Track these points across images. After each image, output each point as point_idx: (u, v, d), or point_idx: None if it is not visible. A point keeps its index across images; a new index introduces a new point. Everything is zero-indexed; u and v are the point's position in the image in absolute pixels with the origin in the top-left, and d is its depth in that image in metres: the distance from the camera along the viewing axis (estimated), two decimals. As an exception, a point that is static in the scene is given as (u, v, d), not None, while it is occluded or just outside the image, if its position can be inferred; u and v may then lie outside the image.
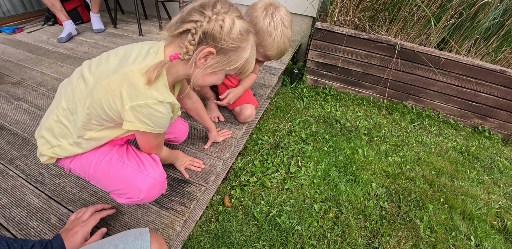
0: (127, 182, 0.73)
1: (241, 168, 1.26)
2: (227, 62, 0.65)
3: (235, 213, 1.09)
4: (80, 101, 0.65)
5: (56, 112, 0.69)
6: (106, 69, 0.64)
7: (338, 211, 1.16)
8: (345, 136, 1.56)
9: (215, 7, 0.59)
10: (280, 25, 0.89)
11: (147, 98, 0.59)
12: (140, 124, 0.62)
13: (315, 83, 2.11)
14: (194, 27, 0.58)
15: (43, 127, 0.72)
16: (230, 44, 0.61)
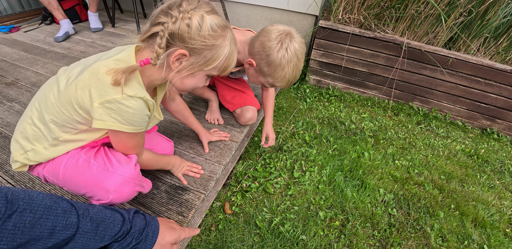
0: (93, 183, 0.65)
1: (242, 172, 1.20)
2: (203, 62, 0.61)
3: (236, 221, 1.02)
4: (53, 103, 0.61)
5: (31, 115, 0.65)
6: (79, 69, 0.61)
7: (345, 219, 1.09)
8: (350, 139, 1.50)
9: (180, 6, 0.56)
10: (294, 59, 0.85)
11: (116, 93, 0.55)
12: (111, 122, 0.57)
13: (318, 83, 2.05)
14: (161, 30, 0.56)
15: (17, 131, 0.67)
16: (202, 43, 0.57)
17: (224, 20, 0.61)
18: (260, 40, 0.87)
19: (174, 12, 0.55)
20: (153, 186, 0.96)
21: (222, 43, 0.60)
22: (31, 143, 0.65)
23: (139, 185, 0.71)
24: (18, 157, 0.67)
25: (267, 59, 0.86)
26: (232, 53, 0.64)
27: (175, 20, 0.55)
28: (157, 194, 0.92)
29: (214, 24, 0.58)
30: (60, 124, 0.62)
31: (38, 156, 0.66)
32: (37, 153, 0.65)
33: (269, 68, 0.88)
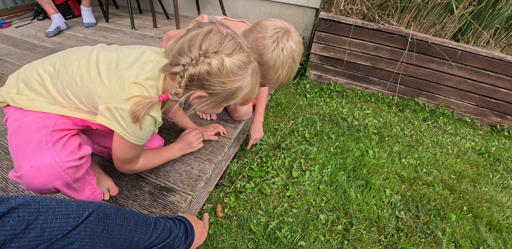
0: (24, 147, 0.56)
1: (237, 172, 1.10)
2: (222, 100, 0.63)
3: (229, 225, 0.93)
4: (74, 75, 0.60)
5: (46, 69, 0.62)
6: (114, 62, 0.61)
7: (348, 223, 0.99)
8: (353, 136, 1.40)
9: (200, 48, 0.55)
10: (289, 61, 0.76)
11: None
12: (117, 125, 0.58)
13: (319, 78, 1.94)
14: (182, 70, 0.57)
15: (23, 73, 0.63)
16: (221, 88, 0.58)
17: (246, 56, 0.59)
18: (254, 36, 0.76)
19: (195, 54, 0.55)
20: (135, 186, 0.87)
21: (242, 84, 0.60)
22: (31, 91, 0.61)
23: (66, 183, 0.59)
24: (10, 94, 0.61)
25: (260, 58, 0.76)
26: (254, 88, 0.65)
27: (195, 64, 0.55)
28: (140, 195, 0.83)
29: (235, 66, 0.57)
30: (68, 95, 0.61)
31: (27, 103, 0.61)
32: (30, 101, 0.60)
33: (262, 68, 0.78)
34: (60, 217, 0.41)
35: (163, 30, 2.19)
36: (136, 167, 0.73)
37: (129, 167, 0.72)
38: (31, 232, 0.37)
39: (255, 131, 1.12)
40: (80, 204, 0.46)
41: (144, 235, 0.56)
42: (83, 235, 0.43)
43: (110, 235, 0.47)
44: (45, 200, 0.42)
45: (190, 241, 0.68)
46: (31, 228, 0.37)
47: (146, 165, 0.76)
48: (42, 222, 0.39)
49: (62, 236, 0.40)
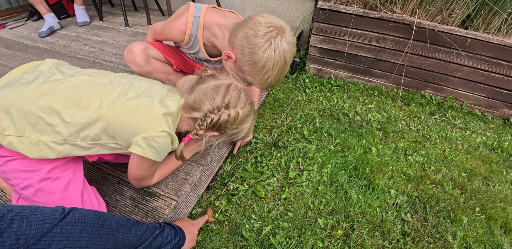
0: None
1: (230, 173, 1.03)
2: (227, 137, 0.74)
3: (219, 231, 0.85)
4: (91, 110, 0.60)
5: (52, 105, 0.58)
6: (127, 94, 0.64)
7: (349, 227, 0.91)
8: (355, 132, 1.30)
9: (224, 99, 0.66)
10: (280, 63, 0.73)
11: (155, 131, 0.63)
12: (149, 152, 0.62)
13: (319, 72, 1.84)
14: (203, 117, 0.66)
15: (18, 111, 0.57)
16: (232, 130, 0.70)
17: (251, 105, 0.72)
18: (246, 32, 0.71)
19: (217, 104, 0.65)
20: (117, 191, 0.80)
21: (245, 126, 0.72)
22: (36, 132, 0.58)
23: None
24: (8, 137, 0.56)
25: (250, 57, 0.72)
26: (251, 128, 0.76)
27: (217, 113, 0.65)
28: (120, 201, 0.76)
29: (245, 116, 0.69)
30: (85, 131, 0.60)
31: (29, 148, 0.57)
32: (34, 144, 0.57)
33: (251, 67, 0.74)
34: (35, 223, 0.41)
35: (158, 26, 2.12)
36: (153, 182, 0.76)
37: (146, 183, 0.74)
38: (6, 241, 0.38)
39: None
40: (55, 209, 0.45)
41: (128, 233, 0.52)
42: (60, 237, 0.43)
43: (90, 235, 0.46)
44: (18, 208, 0.41)
45: (181, 237, 0.63)
46: (5, 236, 0.38)
47: (161, 177, 0.79)
48: (16, 230, 0.39)
49: (36, 240, 0.40)
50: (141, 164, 0.66)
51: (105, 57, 1.63)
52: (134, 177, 0.70)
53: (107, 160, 0.79)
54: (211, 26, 0.83)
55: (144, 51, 0.92)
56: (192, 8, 0.84)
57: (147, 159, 0.64)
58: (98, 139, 0.61)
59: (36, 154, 0.57)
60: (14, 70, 0.68)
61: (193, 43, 0.90)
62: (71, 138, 0.59)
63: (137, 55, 0.91)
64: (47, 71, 0.65)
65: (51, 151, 0.58)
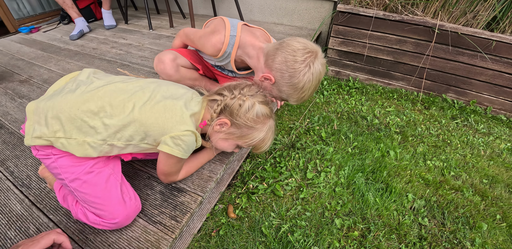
0: (109, 202, 0.70)
1: (250, 172, 1.08)
2: (239, 135, 0.75)
3: (240, 226, 0.91)
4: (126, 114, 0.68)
5: (94, 110, 0.67)
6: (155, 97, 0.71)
7: (365, 228, 0.94)
8: (373, 135, 1.32)
9: (242, 89, 0.73)
10: (315, 83, 0.83)
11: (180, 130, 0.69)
12: (176, 150, 0.68)
13: (337, 74, 1.86)
14: (220, 99, 0.72)
15: (64, 114, 0.66)
16: (244, 122, 0.71)
17: (270, 111, 0.76)
18: (285, 57, 0.80)
19: (236, 92, 0.72)
20: (147, 186, 0.87)
21: (260, 128, 0.74)
22: (81, 133, 0.67)
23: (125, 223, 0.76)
24: (52, 138, 0.66)
25: (289, 80, 0.82)
26: (265, 139, 0.77)
27: (233, 97, 0.71)
28: (151, 195, 0.83)
29: (260, 112, 0.72)
30: (121, 132, 0.68)
31: (76, 148, 0.67)
32: (79, 145, 0.66)
33: (289, 88, 0.84)
34: None
35: (179, 29, 2.20)
36: (179, 178, 0.82)
37: (172, 179, 0.80)
38: None
39: None
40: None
41: None
42: None
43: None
44: None
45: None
46: None
47: (187, 173, 0.84)
48: None
49: None
50: (169, 160, 0.72)
51: (132, 60, 1.73)
52: (162, 172, 0.76)
53: (140, 158, 0.86)
54: (246, 46, 0.90)
55: (174, 61, 0.99)
56: (228, 26, 0.90)
57: (174, 156, 0.70)
58: (132, 140, 0.69)
59: (81, 153, 0.67)
60: (58, 81, 0.79)
61: (224, 58, 0.96)
62: (109, 138, 0.67)
63: (168, 65, 0.98)
64: (85, 80, 0.75)
65: (93, 150, 0.67)
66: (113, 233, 0.76)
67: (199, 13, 2.55)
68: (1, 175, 0.95)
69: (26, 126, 0.69)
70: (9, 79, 1.58)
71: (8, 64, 1.76)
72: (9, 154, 1.03)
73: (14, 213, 0.82)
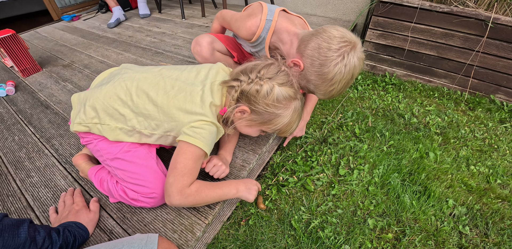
0: (148, 176, 0.71)
1: (280, 164, 1.06)
2: (261, 122, 0.70)
3: (269, 218, 0.89)
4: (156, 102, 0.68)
5: (123, 98, 0.70)
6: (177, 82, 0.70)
7: (400, 232, 0.88)
8: (411, 135, 1.23)
9: (260, 71, 0.67)
10: (347, 77, 0.72)
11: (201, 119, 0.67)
12: (197, 140, 0.64)
13: (373, 69, 1.76)
14: (237, 85, 0.67)
15: (98, 102, 0.71)
16: (263, 109, 0.67)
17: (294, 92, 0.69)
18: (318, 43, 0.71)
19: (252, 75, 0.67)
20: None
21: (283, 113, 0.68)
22: (113, 120, 0.70)
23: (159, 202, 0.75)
24: (90, 124, 0.72)
25: (319, 68, 0.72)
26: (291, 123, 0.71)
27: (249, 82, 0.66)
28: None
29: (282, 95, 0.66)
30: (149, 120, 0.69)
31: (109, 133, 0.71)
32: (112, 130, 0.71)
33: (317, 78, 0.74)
34: None
35: (211, 19, 2.20)
36: (188, 191, 0.64)
37: (181, 184, 0.63)
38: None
39: (297, 129, 1.05)
40: None
41: None
42: None
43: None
44: None
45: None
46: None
47: (198, 194, 0.66)
48: None
49: None
50: (186, 152, 0.64)
51: (165, 48, 1.75)
52: (174, 169, 0.63)
53: (167, 148, 0.87)
54: (281, 32, 0.86)
55: (210, 44, 0.97)
56: (265, 10, 0.86)
57: (193, 147, 0.63)
58: (156, 129, 0.69)
59: (114, 137, 0.71)
60: (100, 75, 0.85)
61: (259, 44, 0.93)
62: (137, 126, 0.70)
63: (204, 48, 0.97)
64: (119, 72, 0.79)
65: (124, 135, 0.72)
66: (149, 213, 0.77)
67: (231, 3, 2.52)
68: (48, 152, 1.00)
69: (71, 115, 0.77)
70: (54, 63, 1.67)
71: (52, 49, 1.86)
72: (54, 133, 1.09)
73: (59, 188, 0.86)
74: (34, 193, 0.86)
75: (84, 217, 0.73)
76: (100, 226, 0.76)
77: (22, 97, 1.34)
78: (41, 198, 0.85)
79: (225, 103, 0.71)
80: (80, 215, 0.73)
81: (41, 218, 0.80)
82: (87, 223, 0.72)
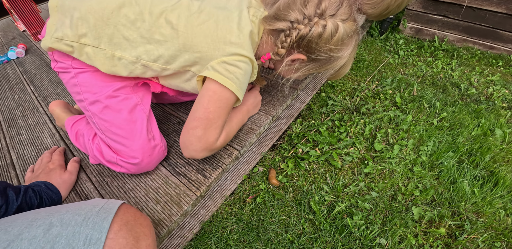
0: (132, 135, 0.53)
1: (300, 134, 0.80)
2: (316, 68, 0.53)
3: (282, 196, 0.66)
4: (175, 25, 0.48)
5: (132, 18, 0.47)
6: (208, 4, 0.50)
7: (456, 227, 0.62)
8: (470, 108, 0.91)
9: (318, 6, 0.45)
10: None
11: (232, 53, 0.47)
12: (227, 79, 0.46)
13: (418, 33, 1.38)
14: (288, 29, 0.47)
15: (93, 15, 0.48)
16: (325, 55, 0.49)
17: (356, 27, 0.49)
18: None
19: (310, 11, 0.45)
20: (176, 132, 0.66)
21: (343, 54, 0.51)
22: (112, 45, 0.48)
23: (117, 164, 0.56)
24: (76, 44, 0.48)
25: None
26: (347, 63, 0.54)
27: (308, 24, 0.45)
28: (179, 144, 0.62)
29: (346, 34, 0.47)
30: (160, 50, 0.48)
31: (103, 62, 0.49)
32: (108, 58, 0.49)
33: None
34: None
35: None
36: (217, 145, 0.51)
37: (212, 141, 0.49)
38: None
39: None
40: None
41: None
42: None
43: None
44: None
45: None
46: None
47: (227, 137, 0.54)
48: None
49: None
50: (221, 98, 0.47)
51: None
52: (205, 120, 0.47)
53: (171, 95, 0.63)
54: None
55: None
56: None
57: (227, 92, 0.46)
58: (171, 62, 0.49)
59: (108, 69, 0.50)
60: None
61: None
62: (145, 56, 0.48)
63: None
64: None
65: (124, 68, 0.50)
66: (132, 179, 0.58)
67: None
68: (42, 110, 0.88)
69: (47, 25, 0.51)
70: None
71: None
72: (52, 92, 0.95)
73: (44, 146, 0.72)
74: (20, 150, 0.74)
75: (57, 178, 0.57)
76: (77, 190, 0.59)
77: (30, 59, 1.23)
78: (25, 156, 0.72)
79: (264, 43, 0.51)
80: (53, 175, 0.57)
81: (20, 177, 0.67)
82: (59, 184, 0.56)
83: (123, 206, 0.37)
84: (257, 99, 0.66)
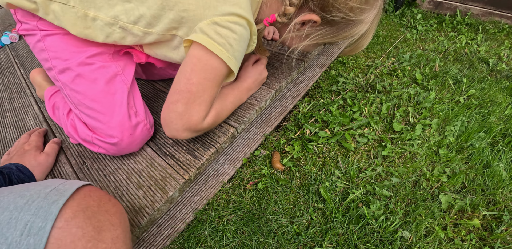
0: (109, 109, 0.43)
1: (307, 114, 0.69)
2: (330, 35, 0.42)
3: (287, 182, 0.57)
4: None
5: None
6: None
7: (492, 218, 0.51)
8: (501, 84, 0.77)
9: None
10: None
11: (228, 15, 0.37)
12: (218, 45, 0.36)
13: (437, 7, 1.21)
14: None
15: None
16: (344, 16, 0.38)
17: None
18: None
19: None
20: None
21: (365, 19, 0.40)
22: (83, 2, 0.39)
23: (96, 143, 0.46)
24: (54, 3, 0.39)
25: None
26: (368, 32, 0.43)
27: None
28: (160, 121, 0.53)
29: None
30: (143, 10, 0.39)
31: (73, 23, 0.40)
32: (80, 18, 0.39)
33: None
34: None
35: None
36: (203, 125, 0.41)
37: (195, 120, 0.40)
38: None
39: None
40: None
41: None
42: None
43: None
44: None
45: None
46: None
47: (217, 119, 0.44)
48: None
49: None
50: (207, 66, 0.37)
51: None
52: (187, 93, 0.38)
53: (158, 67, 0.53)
54: None
55: None
56: None
57: (211, 58, 0.37)
58: (154, 25, 0.40)
59: (80, 31, 0.40)
60: None
61: None
62: (124, 17, 0.39)
63: None
64: None
65: (99, 31, 0.40)
66: (114, 161, 0.49)
67: None
68: (28, 92, 0.80)
69: None
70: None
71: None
72: None
73: (27, 128, 0.64)
74: (2, 133, 0.67)
75: (31, 160, 0.49)
76: (54, 173, 0.52)
77: (24, 43, 1.14)
78: (6, 139, 0.65)
79: (265, 2, 0.41)
80: (27, 157, 0.50)
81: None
82: (33, 166, 0.48)
83: (85, 188, 0.28)
84: (262, 76, 0.54)
